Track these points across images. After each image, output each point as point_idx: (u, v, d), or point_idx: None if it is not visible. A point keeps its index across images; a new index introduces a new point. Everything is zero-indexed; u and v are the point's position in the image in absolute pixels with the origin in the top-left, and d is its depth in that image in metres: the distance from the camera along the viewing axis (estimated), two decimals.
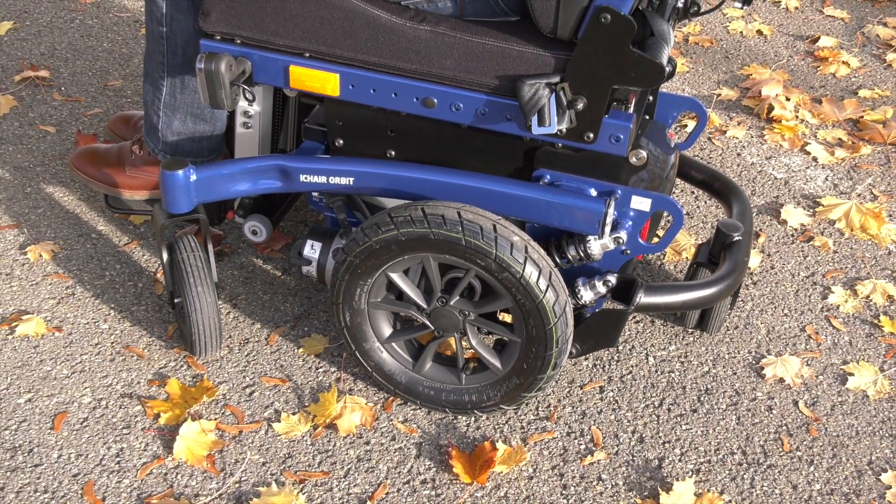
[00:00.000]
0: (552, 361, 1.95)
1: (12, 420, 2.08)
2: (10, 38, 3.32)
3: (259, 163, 2.03)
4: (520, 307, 1.91)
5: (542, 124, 1.78)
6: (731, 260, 2.12)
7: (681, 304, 2.06)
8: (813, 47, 3.52)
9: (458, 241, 1.87)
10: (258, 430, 2.08)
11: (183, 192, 2.02)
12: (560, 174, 1.93)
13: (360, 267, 1.97)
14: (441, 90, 1.86)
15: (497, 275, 1.88)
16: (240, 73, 1.92)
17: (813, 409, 2.19)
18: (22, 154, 2.80)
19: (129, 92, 3.09)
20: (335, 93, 1.93)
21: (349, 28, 1.86)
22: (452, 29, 1.82)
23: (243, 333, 2.30)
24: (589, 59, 1.74)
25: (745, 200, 2.30)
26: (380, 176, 1.97)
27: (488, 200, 1.93)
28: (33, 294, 2.37)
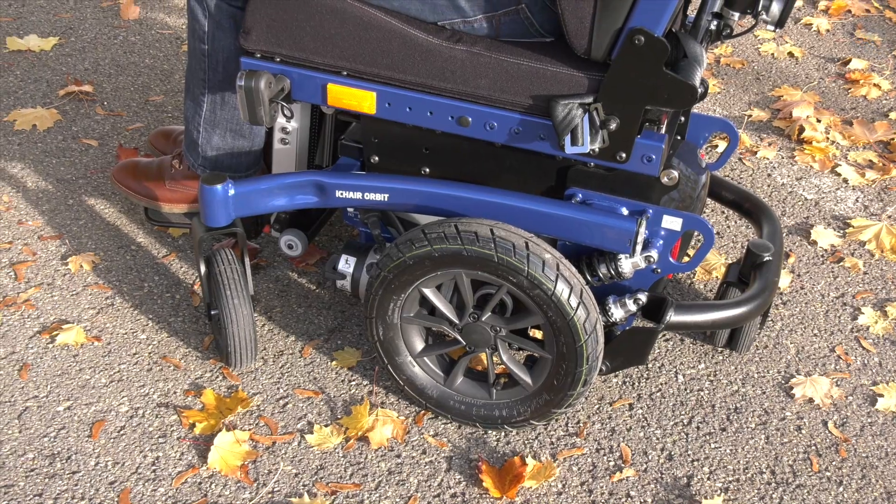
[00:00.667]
0: (582, 378, 1.98)
1: (51, 427, 2.12)
2: (56, 53, 3.39)
3: (296, 178, 2.07)
4: (551, 324, 1.93)
5: (575, 144, 1.81)
6: (761, 280, 2.13)
7: (710, 324, 2.07)
8: (844, 70, 3.52)
9: (491, 257, 1.89)
10: (291, 442, 2.12)
11: (221, 206, 2.07)
12: (592, 193, 1.96)
13: (394, 282, 2.00)
14: (476, 109, 1.89)
15: (529, 292, 1.91)
16: (279, 90, 1.96)
17: (842, 429, 2.20)
18: (65, 167, 2.86)
19: (169, 107, 3.15)
20: (371, 111, 1.96)
21: (386, 47, 1.89)
22: (488, 49, 1.86)
23: (278, 346, 2.33)
24: (622, 80, 1.77)
25: (775, 221, 2.31)
26: (414, 193, 2.01)
27: (521, 218, 1.95)
28: (74, 304, 2.42)
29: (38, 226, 2.65)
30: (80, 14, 3.63)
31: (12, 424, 2.12)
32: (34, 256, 2.55)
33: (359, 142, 2.12)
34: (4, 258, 2.54)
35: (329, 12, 1.89)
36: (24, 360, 2.27)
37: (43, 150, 2.93)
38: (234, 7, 2.07)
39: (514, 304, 2.01)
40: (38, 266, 2.52)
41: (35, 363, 2.26)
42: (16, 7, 3.65)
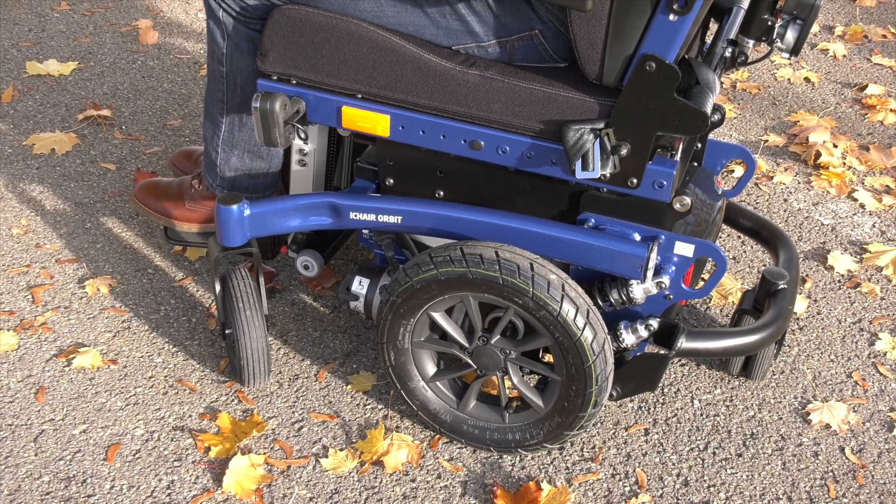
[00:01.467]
0: (592, 399, 1.97)
1: (67, 451, 2.13)
2: (75, 77, 3.42)
3: (311, 200, 2.08)
4: (559, 345, 1.93)
5: (586, 169, 1.82)
6: (776, 307, 2.13)
7: (723, 351, 2.07)
8: (861, 95, 3.52)
9: (496, 279, 1.90)
10: (306, 466, 2.12)
11: (237, 226, 2.09)
12: (605, 218, 1.96)
13: (403, 306, 2.00)
14: (488, 133, 1.90)
15: (535, 313, 1.91)
16: (294, 112, 1.98)
17: (860, 455, 2.19)
18: (83, 190, 2.88)
19: (187, 131, 3.17)
20: (385, 133, 1.98)
21: (400, 71, 1.91)
22: (501, 74, 1.87)
23: (293, 369, 2.34)
24: (633, 105, 1.77)
25: (791, 248, 2.31)
26: (426, 215, 2.01)
27: (532, 242, 1.96)
28: (90, 327, 2.43)
29: (56, 249, 2.67)
30: (100, 39, 3.67)
31: (28, 447, 2.13)
32: (51, 280, 2.56)
33: (374, 164, 2.13)
34: (22, 281, 2.55)
35: (345, 36, 1.91)
36: (41, 382, 2.28)
37: (61, 173, 2.95)
38: (252, 30, 2.09)
39: (526, 326, 2.02)
40: (55, 289, 2.53)
41: (51, 386, 2.27)
42: (35, 32, 3.69)
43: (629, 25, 1.72)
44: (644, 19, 1.71)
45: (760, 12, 1.88)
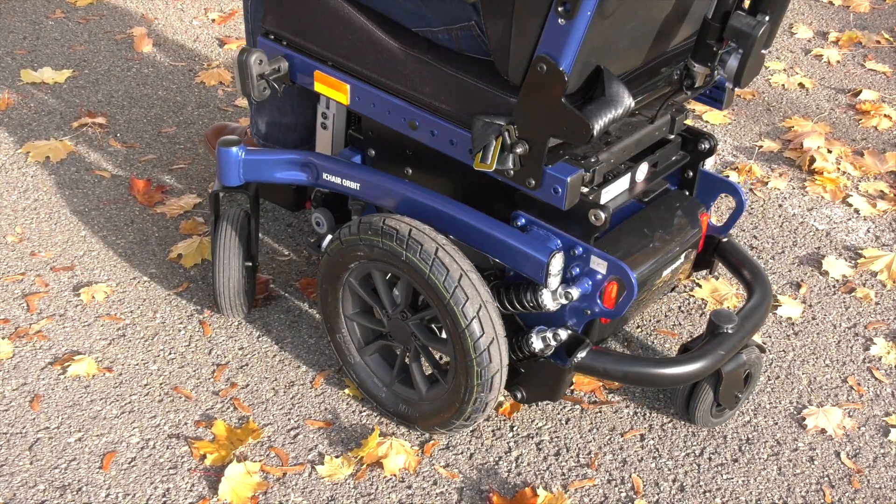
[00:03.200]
0: (474, 395, 2.00)
1: (62, 459, 2.12)
2: (70, 85, 3.42)
3: (294, 156, 2.24)
4: (448, 332, 1.98)
5: (483, 161, 1.84)
6: (703, 351, 2.05)
7: (621, 376, 2.04)
8: (855, 100, 3.53)
9: (400, 255, 1.96)
10: (302, 473, 2.11)
11: (234, 167, 2.28)
12: (534, 219, 1.99)
13: (332, 270, 2.10)
14: (421, 114, 1.97)
15: (427, 293, 1.97)
16: (273, 69, 2.12)
17: (855, 460, 2.19)
18: (78, 198, 2.88)
19: (182, 139, 3.17)
20: (345, 102, 2.10)
21: (358, 44, 2.02)
22: (437, 59, 1.92)
23: (289, 376, 2.34)
24: (528, 105, 1.80)
25: (766, 296, 2.20)
26: (376, 186, 2.12)
27: (455, 228, 2.02)
28: (85, 335, 2.43)
29: (51, 257, 2.67)
30: (94, 46, 3.67)
31: (23, 456, 2.12)
32: (46, 287, 2.56)
33: (361, 134, 2.22)
34: (17, 289, 2.55)
35: (321, 6, 2.02)
36: (36, 391, 2.27)
37: (56, 181, 2.95)
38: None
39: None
40: (50, 297, 2.53)
41: (46, 394, 2.27)
42: (30, 40, 3.69)
43: (527, 24, 1.73)
44: (540, 20, 1.71)
45: (707, 37, 1.81)
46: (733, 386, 2.14)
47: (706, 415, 2.19)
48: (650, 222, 2.11)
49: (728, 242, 2.29)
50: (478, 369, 1.97)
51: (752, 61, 1.82)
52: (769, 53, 3.80)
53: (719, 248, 2.29)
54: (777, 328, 2.52)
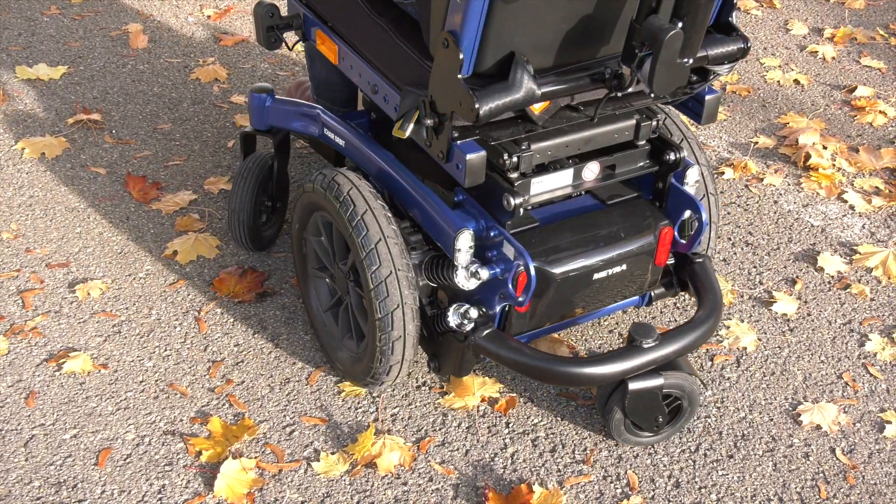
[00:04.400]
0: (377, 356, 2.09)
1: (58, 455, 2.12)
2: (65, 82, 3.42)
3: (306, 109, 2.39)
4: (363, 290, 2.09)
5: (401, 129, 1.89)
6: (606, 358, 2.02)
7: (514, 364, 2.03)
8: (850, 97, 3.53)
9: (335, 209, 2.07)
10: (297, 469, 2.11)
11: (260, 112, 2.51)
12: (469, 197, 2.05)
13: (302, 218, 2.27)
14: (378, 80, 2.07)
15: (352, 250, 2.08)
16: (285, 24, 2.35)
17: (850, 456, 2.19)
18: (73, 195, 2.88)
19: (177, 135, 3.16)
20: (335, 62, 2.24)
21: (343, 8, 2.16)
22: (395, 29, 2.01)
23: (284, 373, 2.34)
24: (435, 79, 1.84)
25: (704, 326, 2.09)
26: (350, 145, 2.27)
27: (397, 192, 2.15)
28: (81, 331, 2.43)
29: (46, 253, 2.66)
30: (89, 43, 3.66)
31: (18, 452, 2.12)
32: (42, 284, 2.56)
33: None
34: (12, 286, 2.55)
35: None
36: (31, 387, 2.27)
37: (51, 178, 2.95)
38: None
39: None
40: (45, 294, 2.53)
41: (42, 391, 2.26)
42: (25, 36, 3.69)
43: (438, 1, 1.76)
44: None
45: (631, 37, 1.80)
46: (650, 407, 2.10)
47: (619, 429, 2.15)
48: (598, 224, 2.10)
49: (701, 264, 2.23)
50: (380, 333, 2.04)
51: (667, 68, 1.78)
52: (765, 50, 3.80)
53: (690, 267, 2.23)
54: (772, 324, 2.52)
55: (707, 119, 2.13)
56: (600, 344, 2.43)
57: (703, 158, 2.33)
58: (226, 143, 3.13)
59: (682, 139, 2.32)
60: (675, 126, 2.33)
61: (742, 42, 2.01)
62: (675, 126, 2.33)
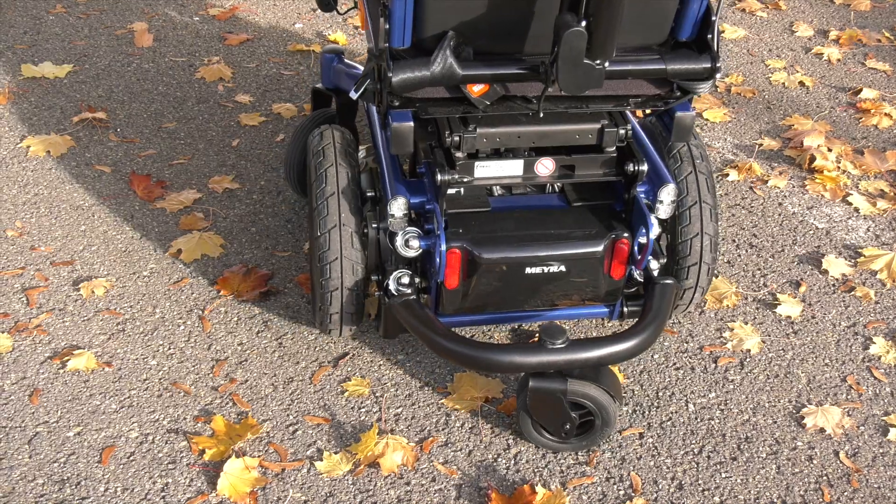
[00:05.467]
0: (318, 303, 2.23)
1: (61, 453, 2.12)
2: (70, 80, 3.42)
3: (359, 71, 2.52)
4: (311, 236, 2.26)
5: (355, 91, 1.99)
6: (506, 349, 2.06)
7: (418, 334, 2.09)
8: (855, 99, 3.53)
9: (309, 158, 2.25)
10: (300, 469, 2.11)
11: (327, 71, 2.69)
12: (427, 170, 2.12)
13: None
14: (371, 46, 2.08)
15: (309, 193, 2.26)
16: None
17: (854, 459, 2.19)
18: (78, 193, 2.88)
19: (182, 134, 3.17)
20: (363, 27, 2.30)
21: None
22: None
23: (287, 372, 2.33)
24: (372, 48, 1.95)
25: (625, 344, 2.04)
26: (368, 114, 2.45)
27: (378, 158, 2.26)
28: (85, 329, 2.43)
29: (51, 251, 2.66)
30: (95, 42, 3.66)
31: (22, 450, 2.12)
32: (46, 282, 2.56)
33: None
34: (17, 283, 2.55)
35: None
36: (35, 385, 2.27)
37: (56, 176, 2.95)
38: None
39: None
40: (49, 292, 2.53)
41: (46, 388, 2.27)
42: (31, 35, 3.69)
43: None
44: None
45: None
46: (554, 411, 2.08)
47: (525, 426, 2.15)
48: (547, 222, 2.12)
49: (660, 287, 2.16)
50: (321, 279, 2.16)
51: (571, 66, 1.78)
52: (770, 52, 3.80)
53: (649, 287, 2.18)
54: (776, 327, 2.52)
55: (676, 137, 2.11)
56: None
57: (705, 167, 2.32)
58: (230, 142, 3.13)
59: (677, 147, 2.32)
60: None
61: (709, 62, 1.97)
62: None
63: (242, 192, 2.92)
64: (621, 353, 2.04)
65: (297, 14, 3.95)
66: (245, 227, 2.78)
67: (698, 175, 2.29)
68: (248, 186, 2.94)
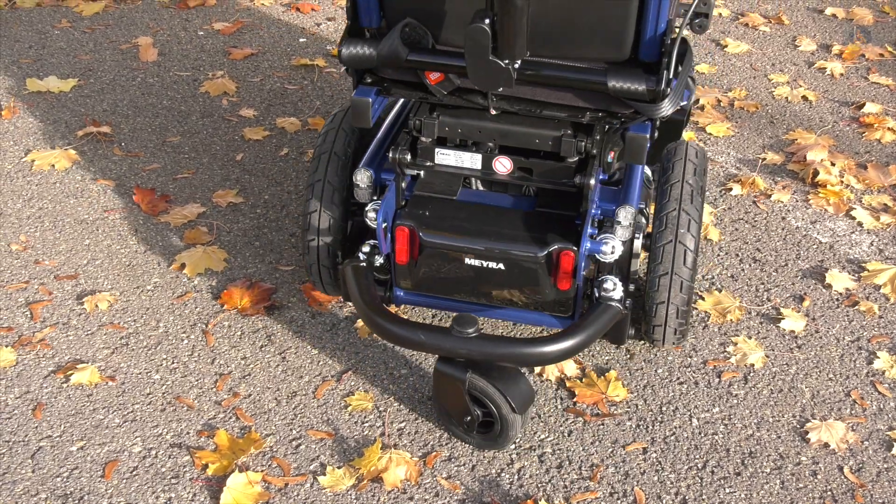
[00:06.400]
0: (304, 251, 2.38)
1: (64, 467, 2.12)
2: (75, 94, 3.43)
3: None
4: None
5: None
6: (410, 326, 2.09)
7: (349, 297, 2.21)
8: (858, 113, 3.53)
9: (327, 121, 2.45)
10: (304, 483, 2.11)
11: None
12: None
13: None
14: None
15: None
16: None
17: (858, 475, 2.18)
18: (82, 207, 2.89)
19: (186, 148, 3.17)
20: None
21: None
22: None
23: (291, 386, 2.33)
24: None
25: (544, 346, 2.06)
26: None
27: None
28: (89, 343, 2.43)
29: (55, 265, 2.67)
30: (100, 56, 3.67)
31: (25, 464, 2.12)
32: (50, 296, 2.56)
33: None
34: (21, 297, 2.55)
35: None
36: (39, 399, 2.27)
37: (61, 190, 2.96)
38: None
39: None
40: (53, 305, 2.53)
41: (49, 403, 2.27)
42: (36, 49, 3.70)
43: None
44: None
45: None
46: (456, 399, 2.11)
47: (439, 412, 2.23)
48: (502, 221, 2.17)
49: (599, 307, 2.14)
50: (302, 229, 2.34)
51: (476, 62, 1.83)
52: (773, 66, 3.80)
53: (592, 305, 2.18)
54: (780, 341, 2.52)
55: (628, 157, 2.05)
56: (607, 360, 2.43)
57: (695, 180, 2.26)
58: (234, 157, 3.14)
59: (672, 156, 2.32)
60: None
61: (654, 84, 1.91)
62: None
63: (246, 206, 2.92)
64: (525, 357, 2.07)
65: (302, 28, 3.96)
66: (249, 242, 2.78)
67: (683, 185, 2.25)
68: (251, 201, 2.95)
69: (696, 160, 2.32)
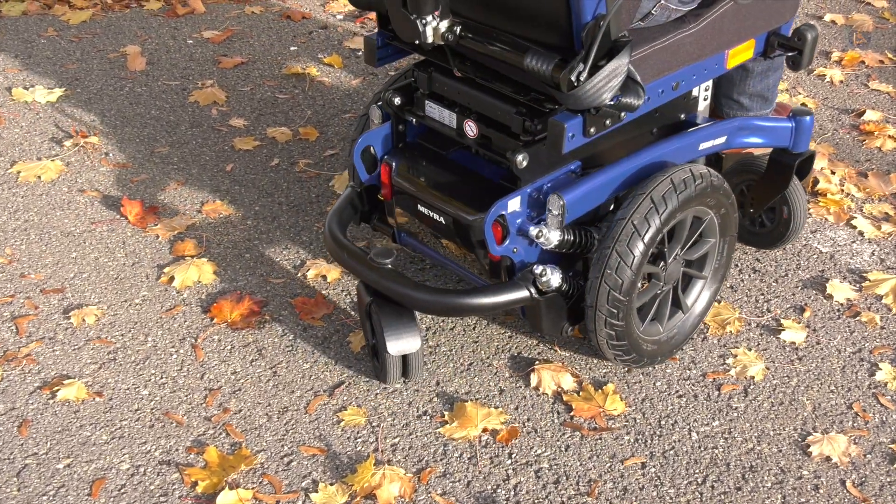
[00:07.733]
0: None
1: (50, 486, 2.08)
2: (62, 104, 3.39)
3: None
4: None
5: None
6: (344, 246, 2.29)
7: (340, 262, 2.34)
8: (858, 121, 3.50)
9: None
10: (295, 501, 2.07)
11: None
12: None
13: None
14: None
15: None
16: None
17: (861, 489, 2.14)
18: (69, 219, 2.85)
19: (175, 159, 3.13)
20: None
21: None
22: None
23: (282, 402, 2.29)
24: None
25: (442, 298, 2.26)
26: None
27: None
28: (75, 358, 2.39)
29: (41, 279, 2.63)
30: (87, 66, 3.64)
31: (11, 482, 2.08)
32: (36, 310, 2.52)
33: None
34: (6, 312, 2.51)
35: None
36: (24, 416, 2.23)
37: (47, 202, 2.92)
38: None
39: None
40: (39, 320, 2.49)
41: (35, 419, 2.22)
42: (22, 58, 3.67)
43: None
44: None
45: None
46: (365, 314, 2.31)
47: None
48: (467, 180, 2.29)
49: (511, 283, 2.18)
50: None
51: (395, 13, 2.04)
52: None
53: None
54: (781, 353, 2.48)
55: (548, 145, 2.05)
56: (604, 373, 2.39)
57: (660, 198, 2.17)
58: (224, 167, 3.10)
59: None
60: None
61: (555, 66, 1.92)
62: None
63: (236, 217, 2.89)
64: (409, 299, 2.19)
65: (293, 37, 3.93)
66: (239, 254, 2.75)
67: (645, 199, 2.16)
68: (242, 212, 2.91)
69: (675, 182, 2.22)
